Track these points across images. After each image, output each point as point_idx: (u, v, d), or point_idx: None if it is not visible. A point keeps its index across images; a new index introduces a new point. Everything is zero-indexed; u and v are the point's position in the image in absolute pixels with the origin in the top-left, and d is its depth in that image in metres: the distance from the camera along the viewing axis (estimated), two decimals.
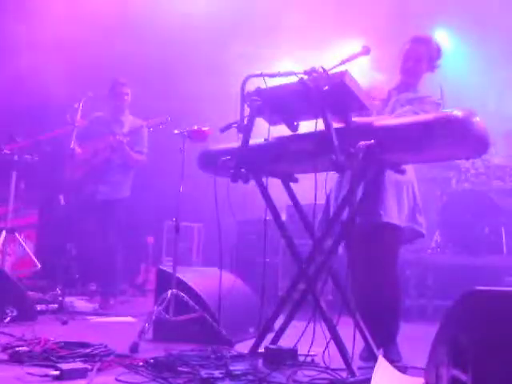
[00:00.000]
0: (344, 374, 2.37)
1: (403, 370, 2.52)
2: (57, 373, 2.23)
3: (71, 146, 4.45)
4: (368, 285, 2.88)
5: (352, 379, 2.33)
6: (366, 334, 2.69)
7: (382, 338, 2.87)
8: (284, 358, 2.62)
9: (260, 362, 2.64)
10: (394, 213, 2.82)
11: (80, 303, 4.83)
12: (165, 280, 3.44)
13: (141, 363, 2.48)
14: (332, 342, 2.46)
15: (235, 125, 2.63)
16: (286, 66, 2.76)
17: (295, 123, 2.71)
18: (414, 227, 2.91)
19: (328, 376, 2.36)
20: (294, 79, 2.52)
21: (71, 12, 6.07)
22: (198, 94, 6.49)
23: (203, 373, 2.30)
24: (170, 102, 6.45)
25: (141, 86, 5.92)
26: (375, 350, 2.68)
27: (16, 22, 5.81)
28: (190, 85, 6.52)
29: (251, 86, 2.58)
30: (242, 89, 2.56)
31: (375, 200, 2.79)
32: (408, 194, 2.92)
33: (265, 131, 2.76)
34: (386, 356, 2.69)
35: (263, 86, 2.58)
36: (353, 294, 2.64)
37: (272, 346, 2.72)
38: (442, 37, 6.62)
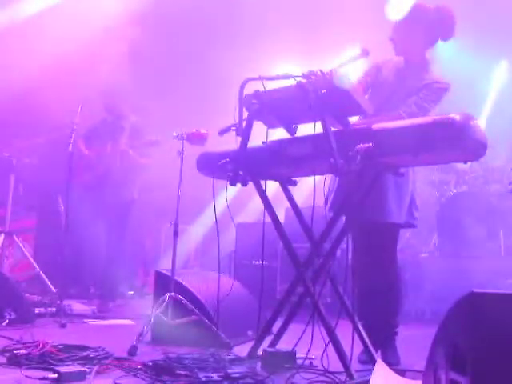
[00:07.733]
0: (342, 377, 2.37)
1: (401, 373, 2.52)
2: (55, 376, 2.22)
3: (77, 149, 4.45)
4: (370, 278, 2.95)
5: (350, 382, 2.33)
6: (365, 337, 2.70)
7: (381, 339, 2.88)
8: (282, 361, 2.63)
9: (258, 365, 2.65)
10: (395, 212, 2.89)
11: (78, 306, 4.81)
12: (163, 283, 3.44)
13: (139, 366, 2.47)
14: (330, 344, 2.47)
15: (234, 128, 2.63)
16: (285, 69, 2.77)
17: (293, 126, 2.71)
18: (410, 221, 3.00)
19: (326, 379, 2.36)
20: (292, 82, 2.52)
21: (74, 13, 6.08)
22: (197, 97, 6.49)
23: (202, 376, 2.29)
24: (170, 103, 6.45)
25: (141, 87, 5.91)
26: (373, 353, 2.68)
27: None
28: (190, 87, 6.52)
29: (250, 89, 2.58)
30: (241, 92, 2.56)
31: (377, 200, 2.80)
32: (407, 191, 2.96)
33: (263, 134, 2.76)
34: (384, 359, 2.70)
35: (261, 89, 2.59)
36: (355, 287, 2.69)
37: (270, 349, 2.73)
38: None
